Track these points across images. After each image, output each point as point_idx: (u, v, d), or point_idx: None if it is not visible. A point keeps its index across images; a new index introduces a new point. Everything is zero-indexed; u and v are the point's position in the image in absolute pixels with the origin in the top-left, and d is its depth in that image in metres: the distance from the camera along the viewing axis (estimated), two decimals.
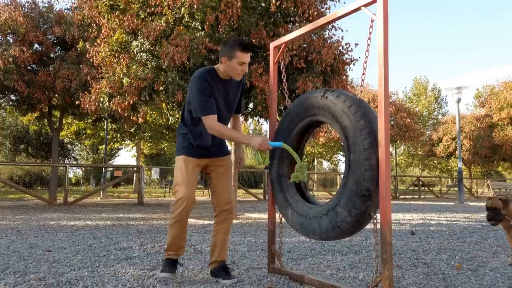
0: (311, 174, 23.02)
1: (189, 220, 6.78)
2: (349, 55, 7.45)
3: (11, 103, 12.30)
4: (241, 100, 2.91)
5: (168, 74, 6.61)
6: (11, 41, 11.01)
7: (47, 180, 21.69)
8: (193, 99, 2.58)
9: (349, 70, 7.56)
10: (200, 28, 6.43)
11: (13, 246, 4.03)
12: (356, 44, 7.60)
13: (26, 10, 11.44)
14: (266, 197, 14.63)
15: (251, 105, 7.33)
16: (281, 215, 2.86)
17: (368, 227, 5.75)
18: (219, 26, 6.42)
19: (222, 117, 2.70)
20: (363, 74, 2.48)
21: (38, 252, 3.71)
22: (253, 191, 17.14)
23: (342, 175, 2.99)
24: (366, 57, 2.44)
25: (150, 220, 6.80)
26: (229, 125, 2.88)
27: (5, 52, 10.20)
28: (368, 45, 2.39)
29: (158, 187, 20.67)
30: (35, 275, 2.79)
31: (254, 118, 7.61)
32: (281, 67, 3.20)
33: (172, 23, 6.53)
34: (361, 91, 2.68)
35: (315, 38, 6.91)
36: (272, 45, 3.13)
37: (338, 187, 15.17)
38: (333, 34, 7.45)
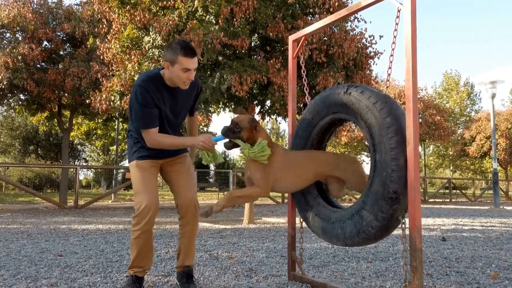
0: None
1: (204, 224, 6.86)
2: (373, 48, 7.40)
3: (20, 102, 12.62)
4: (195, 103, 2.78)
5: None
6: (20, 39, 11.30)
7: (57, 182, 22.17)
8: (132, 110, 2.47)
9: (373, 64, 7.51)
10: (214, 22, 6.47)
11: (24, 250, 4.14)
12: (381, 36, 7.53)
13: (35, 6, 11.72)
14: (285, 200, 14.61)
15: (268, 102, 7.33)
16: (301, 219, 2.85)
17: (396, 233, 5.68)
18: (234, 19, 6.44)
19: (170, 125, 2.61)
20: (389, 68, 2.46)
21: (49, 256, 3.80)
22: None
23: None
24: (393, 49, 2.42)
25: (163, 224, 6.88)
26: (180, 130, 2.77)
27: (14, 50, 10.47)
28: (395, 37, 2.37)
29: None
30: (47, 281, 2.87)
31: (272, 116, 7.61)
32: (301, 62, 3.20)
33: (185, 17, 6.60)
34: (387, 86, 2.66)
35: (336, 31, 6.87)
36: (291, 38, 3.12)
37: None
38: (355, 25, 7.40)
